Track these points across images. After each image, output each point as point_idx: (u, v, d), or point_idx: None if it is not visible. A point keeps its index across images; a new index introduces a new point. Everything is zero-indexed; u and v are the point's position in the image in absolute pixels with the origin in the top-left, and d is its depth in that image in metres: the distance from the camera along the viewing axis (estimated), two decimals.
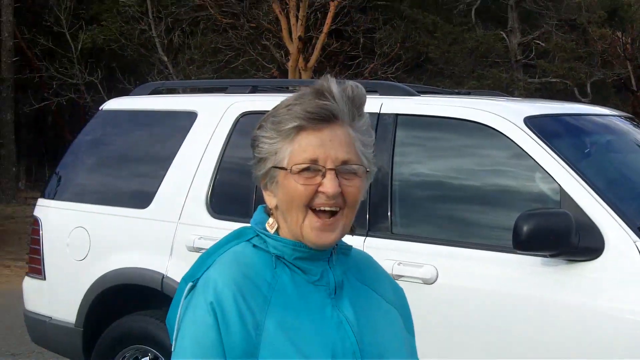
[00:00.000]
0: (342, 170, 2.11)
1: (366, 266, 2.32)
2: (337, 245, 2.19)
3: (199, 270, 2.14)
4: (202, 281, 2.10)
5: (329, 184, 2.09)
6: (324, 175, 2.10)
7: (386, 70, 21.66)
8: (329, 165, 2.10)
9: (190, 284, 2.12)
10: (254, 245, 2.17)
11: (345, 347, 2.10)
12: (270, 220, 2.20)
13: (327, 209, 2.11)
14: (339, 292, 2.17)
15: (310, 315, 2.10)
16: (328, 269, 2.17)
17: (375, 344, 2.16)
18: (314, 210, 2.12)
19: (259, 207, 2.26)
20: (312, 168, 2.10)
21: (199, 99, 6.32)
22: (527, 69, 27.22)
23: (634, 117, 6.31)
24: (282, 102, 2.17)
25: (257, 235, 2.19)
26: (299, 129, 2.11)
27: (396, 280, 2.45)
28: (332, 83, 2.14)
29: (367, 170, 2.17)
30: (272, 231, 2.18)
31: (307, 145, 2.10)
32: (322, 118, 2.10)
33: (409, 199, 5.12)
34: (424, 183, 5.19)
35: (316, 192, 2.11)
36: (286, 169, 2.11)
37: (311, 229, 2.12)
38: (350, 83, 2.18)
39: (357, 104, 2.16)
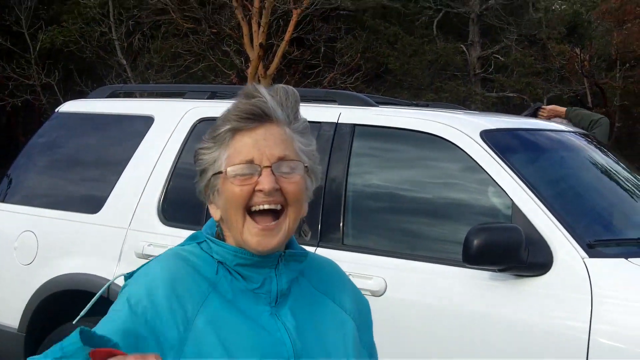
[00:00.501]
0: (279, 167, 2.10)
1: (327, 274, 2.30)
2: (285, 252, 2.17)
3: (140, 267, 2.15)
4: (142, 271, 2.10)
5: (264, 180, 2.08)
6: (260, 174, 2.09)
7: (345, 80, 21.69)
8: (265, 163, 2.09)
9: (124, 275, 2.14)
10: (202, 249, 2.16)
11: (279, 353, 2.07)
12: (216, 232, 2.19)
13: (267, 206, 2.09)
14: (281, 300, 2.15)
15: (245, 320, 2.08)
16: (273, 276, 2.15)
17: (318, 352, 2.13)
18: (254, 214, 2.10)
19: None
20: (249, 170, 2.09)
21: (157, 104, 6.28)
22: (486, 82, 27.38)
23: (588, 133, 6.36)
24: (223, 112, 2.17)
25: (205, 240, 2.18)
26: (233, 132, 2.11)
27: None
28: (261, 86, 2.14)
29: (306, 165, 2.15)
30: None
31: (242, 147, 2.10)
32: (254, 117, 2.10)
33: (362, 210, 5.11)
34: (378, 194, 5.19)
35: (254, 191, 2.09)
36: (222, 172, 2.11)
37: (251, 235, 2.10)
38: (280, 86, 2.18)
39: (289, 105, 2.16)
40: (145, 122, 5.93)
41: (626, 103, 28.65)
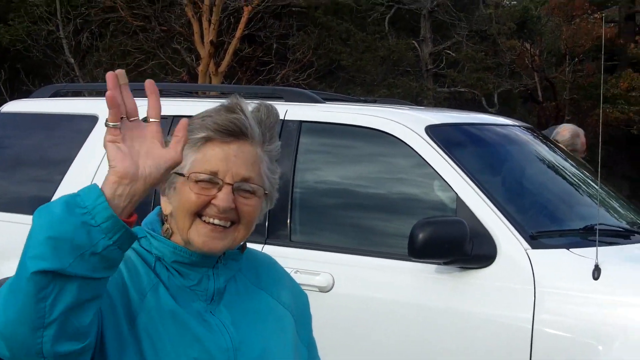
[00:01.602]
0: (240, 187, 2.12)
1: (265, 269, 2.31)
2: (224, 254, 2.18)
3: None
4: None
5: (222, 197, 2.09)
6: (220, 189, 2.10)
7: (298, 76, 21.67)
8: (228, 179, 2.10)
9: None
10: (141, 246, 2.16)
11: (219, 347, 2.09)
12: (165, 226, 2.19)
13: (217, 222, 2.10)
14: (217, 297, 2.16)
15: (184, 314, 2.09)
16: (210, 275, 2.16)
17: (256, 347, 2.15)
18: (203, 220, 2.11)
19: (156, 208, 2.25)
20: (211, 180, 2.10)
21: (101, 103, 6.22)
22: (437, 78, 27.50)
23: (533, 127, 6.43)
24: (198, 114, 2.18)
25: (145, 236, 2.18)
26: (206, 140, 2.12)
27: None
28: (243, 102, 2.15)
29: (267, 192, 2.17)
30: (166, 236, 2.17)
31: (211, 157, 2.11)
32: (231, 132, 2.11)
33: (309, 207, 5.14)
34: (325, 190, 5.22)
35: (209, 203, 2.10)
36: (185, 176, 2.11)
37: (198, 235, 2.11)
38: (264, 104, 2.20)
39: (268, 125, 2.18)
40: (89, 121, 5.89)
41: (575, 97, 28.87)
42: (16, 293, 1.80)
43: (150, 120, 1.89)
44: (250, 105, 2.18)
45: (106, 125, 1.84)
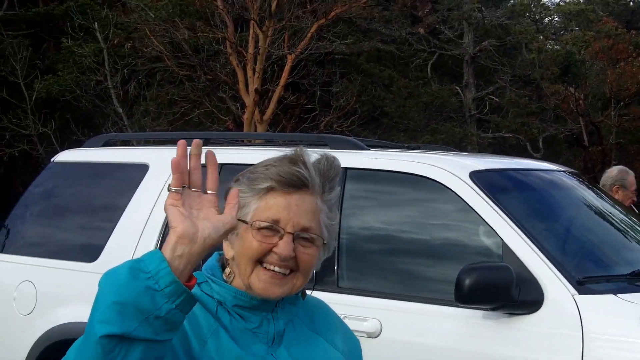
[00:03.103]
0: (300, 236, 2.17)
1: (319, 314, 2.37)
2: (282, 299, 2.24)
3: None
4: None
5: (283, 246, 2.15)
6: (281, 237, 2.16)
7: (342, 123, 21.74)
8: (289, 229, 2.16)
9: None
10: (201, 290, 2.22)
11: None
12: (227, 270, 2.25)
13: (277, 269, 2.17)
14: (278, 339, 2.21)
15: (246, 356, 2.14)
16: (270, 319, 2.22)
17: None
18: (264, 267, 2.18)
19: (214, 253, 2.31)
20: (273, 228, 2.16)
21: (151, 152, 6.33)
22: (481, 123, 27.49)
23: (579, 172, 6.42)
24: (261, 162, 2.25)
25: (206, 280, 2.24)
26: (269, 189, 2.18)
27: None
28: (305, 153, 2.21)
29: (325, 242, 2.23)
30: (228, 280, 2.23)
31: (274, 205, 2.17)
32: (293, 183, 2.17)
33: (356, 252, 5.16)
34: (371, 236, 5.24)
35: (270, 250, 2.16)
36: (247, 223, 2.17)
37: (259, 281, 2.17)
38: (326, 156, 2.26)
39: (329, 176, 2.24)
40: (140, 170, 5.97)
41: (622, 141, 28.73)
42: (85, 355, 1.88)
43: (208, 192, 1.97)
44: (313, 156, 2.24)
45: (168, 189, 1.92)
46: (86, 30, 21.77)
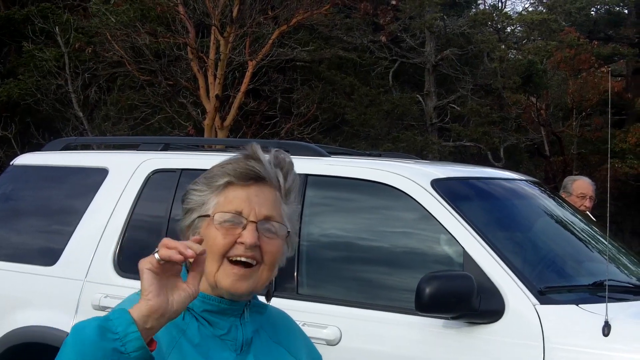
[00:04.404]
0: (264, 225, 2.20)
1: (282, 325, 2.37)
2: (250, 302, 2.24)
3: None
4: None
5: (247, 234, 2.17)
6: (244, 228, 2.18)
7: (302, 130, 21.73)
8: (252, 217, 2.19)
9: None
10: None
11: None
12: None
13: (244, 259, 2.17)
14: (246, 348, 2.21)
15: None
16: (238, 325, 2.22)
17: None
18: (230, 261, 2.18)
19: None
20: (235, 220, 2.18)
21: (111, 156, 6.29)
22: (442, 132, 27.56)
23: (541, 182, 6.43)
24: (217, 163, 2.28)
25: None
26: (227, 184, 2.21)
27: None
28: (259, 149, 2.26)
29: (289, 231, 2.25)
30: None
31: (234, 198, 2.20)
32: (251, 176, 2.21)
33: (316, 260, 5.14)
34: (332, 244, 5.22)
35: (235, 242, 2.17)
36: (209, 216, 2.19)
37: (226, 276, 2.18)
38: (276, 150, 2.32)
39: (283, 169, 2.28)
40: (99, 174, 5.94)
41: (583, 151, 28.92)
42: None
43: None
44: (263, 151, 2.28)
45: (155, 256, 1.92)
46: (47, 34, 21.64)
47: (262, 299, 2.36)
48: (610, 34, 32.40)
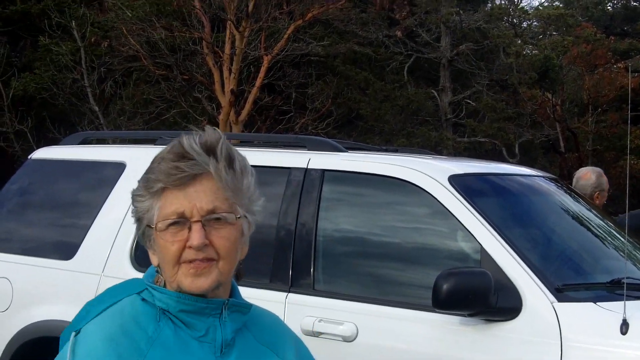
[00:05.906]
0: (209, 220, 2.11)
1: (269, 327, 2.30)
2: (228, 301, 2.17)
3: (82, 320, 2.14)
4: (82, 335, 2.10)
5: (194, 236, 2.09)
6: (190, 229, 2.10)
7: (317, 125, 21.74)
8: (195, 217, 2.10)
9: (73, 333, 2.12)
10: (143, 299, 2.16)
11: None
12: (157, 277, 2.20)
13: (199, 260, 2.11)
14: (227, 350, 2.15)
15: None
16: (217, 325, 2.15)
17: None
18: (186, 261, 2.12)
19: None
20: (179, 221, 2.10)
21: (128, 150, 6.29)
22: (457, 127, 27.50)
23: (558, 178, 6.41)
24: (155, 156, 2.18)
25: (147, 288, 2.19)
26: (164, 189, 2.13)
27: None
28: (186, 142, 2.13)
29: (239, 216, 2.15)
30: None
31: (173, 199, 2.11)
32: (184, 179, 2.11)
33: (333, 255, 5.12)
34: (348, 239, 5.20)
35: (184, 247, 2.10)
36: (152, 227, 2.13)
37: (185, 277, 2.11)
38: (211, 132, 2.17)
39: (214, 152, 2.14)
40: (117, 169, 5.94)
41: (599, 147, 28.82)
42: None
43: None
44: (195, 140, 2.15)
45: None
46: (63, 28, 21.69)
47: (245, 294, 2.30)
48: (626, 30, 32.27)
